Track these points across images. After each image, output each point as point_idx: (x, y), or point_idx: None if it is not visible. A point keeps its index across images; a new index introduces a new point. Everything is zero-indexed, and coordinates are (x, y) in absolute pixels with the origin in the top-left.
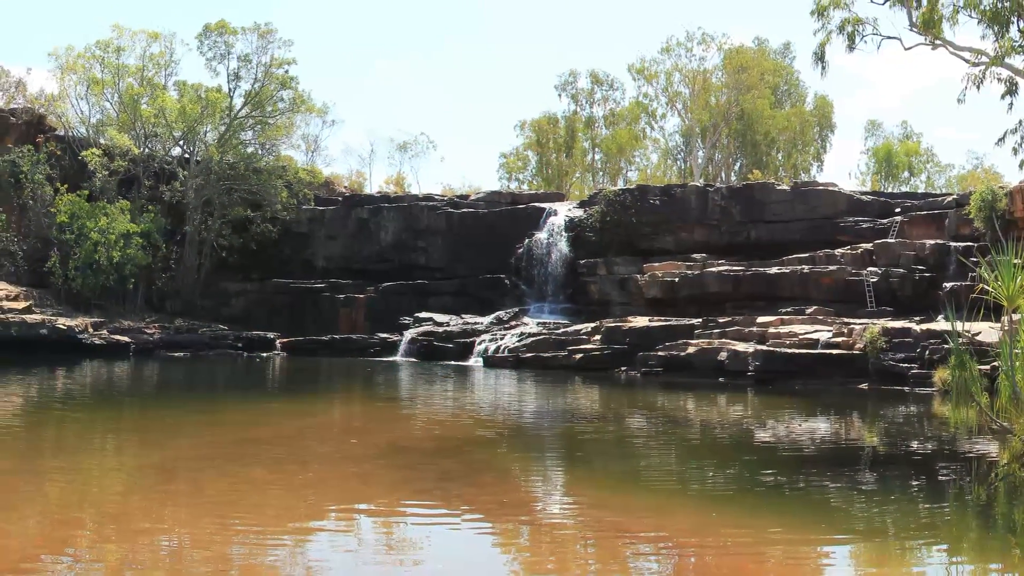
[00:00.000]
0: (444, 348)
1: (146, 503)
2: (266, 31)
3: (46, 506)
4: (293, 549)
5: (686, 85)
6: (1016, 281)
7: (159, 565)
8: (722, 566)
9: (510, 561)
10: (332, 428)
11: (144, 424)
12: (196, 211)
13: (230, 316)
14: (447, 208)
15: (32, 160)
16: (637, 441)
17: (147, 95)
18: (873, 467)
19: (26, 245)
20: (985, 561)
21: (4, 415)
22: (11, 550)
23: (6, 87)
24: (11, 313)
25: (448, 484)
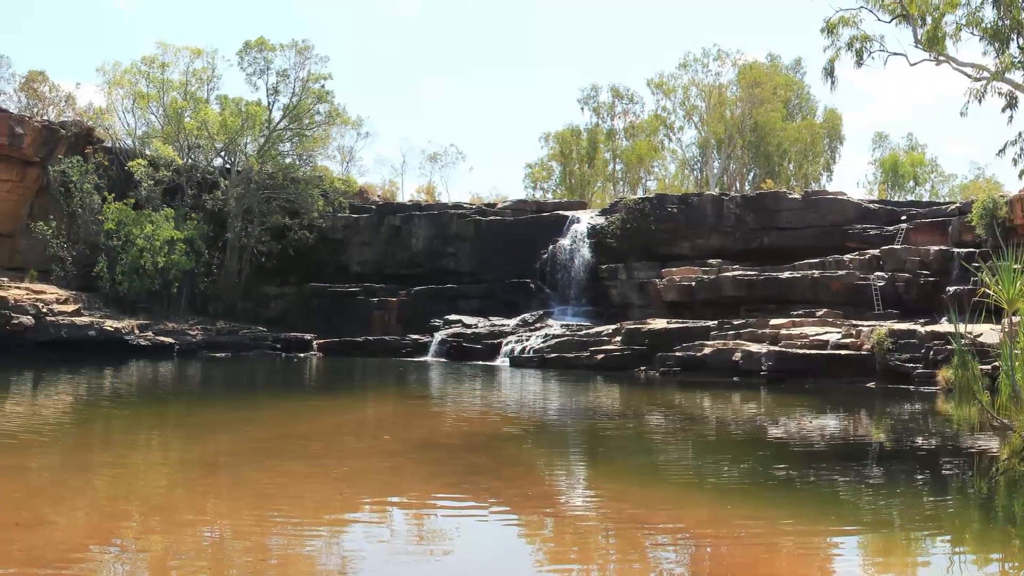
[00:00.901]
0: (472, 349)
1: (189, 496)
2: (303, 48)
3: (94, 499)
4: (329, 540)
5: (702, 99)
6: (1016, 285)
7: (202, 555)
8: (736, 556)
9: (535, 551)
10: (366, 424)
11: (187, 421)
12: (237, 219)
13: (269, 318)
14: (475, 216)
15: (81, 170)
16: (656, 437)
17: (190, 108)
18: (880, 462)
19: (75, 251)
20: (986, 552)
21: (55, 413)
22: (61, 541)
23: (56, 101)
24: (61, 315)
25: (476, 478)
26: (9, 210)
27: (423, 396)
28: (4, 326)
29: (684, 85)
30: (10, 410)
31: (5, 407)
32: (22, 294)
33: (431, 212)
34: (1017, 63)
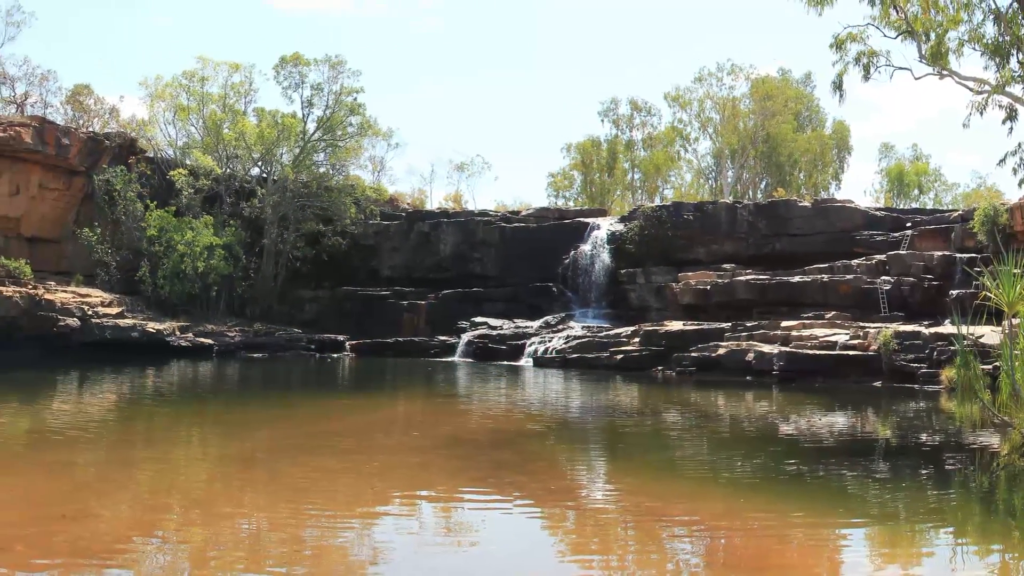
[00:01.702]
0: (497, 350)
1: (227, 490)
2: (336, 62)
3: (137, 493)
4: (361, 532)
5: (717, 111)
6: (1016, 289)
7: (240, 546)
8: (749, 547)
9: (557, 543)
10: (396, 422)
11: (226, 418)
12: (273, 225)
13: (304, 320)
14: (500, 223)
15: (125, 179)
16: (672, 434)
17: (228, 120)
18: (886, 457)
19: (119, 256)
20: (988, 543)
21: (100, 410)
22: (105, 533)
23: (101, 113)
24: (106, 318)
25: (501, 473)
26: (56, 217)
27: (450, 395)
28: (51, 328)
29: (699, 98)
30: (57, 408)
31: (53, 405)
32: (68, 297)
33: (458, 219)
34: (1017, 77)
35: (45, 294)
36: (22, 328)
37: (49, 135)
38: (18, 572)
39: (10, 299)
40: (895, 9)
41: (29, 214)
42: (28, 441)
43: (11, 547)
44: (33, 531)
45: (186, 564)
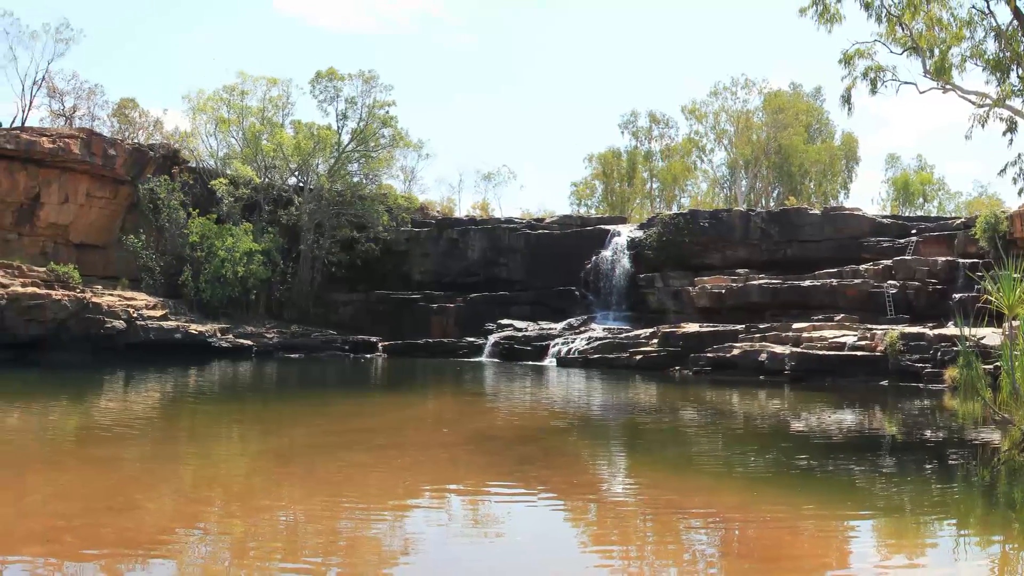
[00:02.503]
0: (523, 350)
1: (266, 484)
2: (369, 77)
3: (180, 486)
4: (393, 523)
5: (731, 124)
6: (1016, 293)
7: (278, 537)
8: (763, 538)
9: (580, 534)
10: (426, 419)
11: (264, 415)
12: (309, 232)
13: (338, 322)
14: (525, 230)
15: (168, 188)
16: (689, 430)
17: (267, 132)
18: (892, 453)
19: (163, 262)
20: (989, 534)
21: (144, 408)
22: (150, 524)
23: (146, 126)
24: (150, 320)
25: (526, 467)
26: (103, 224)
27: (478, 393)
28: (99, 329)
29: (715, 111)
30: (104, 406)
31: (100, 403)
32: (115, 301)
33: (485, 226)
34: (1017, 91)
35: (92, 297)
36: (71, 330)
37: (96, 146)
38: (67, 562)
39: (59, 302)
40: (901, 26)
41: (77, 221)
42: (77, 437)
43: (61, 538)
44: (82, 523)
45: (226, 554)
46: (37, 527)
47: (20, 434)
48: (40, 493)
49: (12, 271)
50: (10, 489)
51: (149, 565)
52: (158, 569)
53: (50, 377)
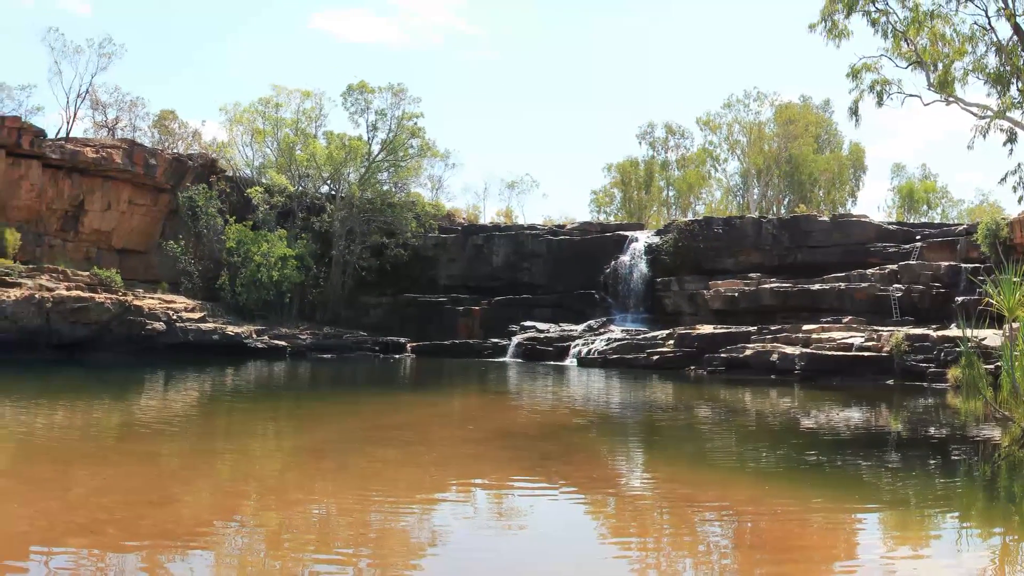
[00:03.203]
0: (545, 351)
1: (300, 478)
2: (399, 90)
3: (217, 481)
4: (421, 516)
5: (744, 134)
6: (1015, 296)
7: (311, 529)
8: (774, 530)
9: (599, 526)
10: (453, 416)
11: (298, 413)
12: (341, 238)
13: (369, 324)
14: (547, 236)
15: (206, 196)
16: (703, 427)
17: (300, 143)
18: (897, 448)
19: (201, 266)
20: (990, 526)
21: (183, 406)
22: (188, 517)
23: (185, 136)
24: (189, 322)
25: (548, 462)
26: (144, 230)
27: (502, 392)
28: (140, 331)
29: (728, 122)
30: (145, 404)
31: (141, 401)
32: (155, 303)
33: (509, 232)
34: (1017, 103)
35: (134, 300)
36: (113, 331)
37: (138, 156)
38: (109, 553)
39: (103, 305)
40: (906, 42)
41: (119, 228)
42: (119, 434)
43: (103, 530)
44: (123, 515)
45: (262, 546)
46: (81, 519)
47: (65, 430)
48: (84, 487)
49: (58, 275)
50: (56, 483)
51: (188, 556)
52: (196, 560)
53: (94, 376)
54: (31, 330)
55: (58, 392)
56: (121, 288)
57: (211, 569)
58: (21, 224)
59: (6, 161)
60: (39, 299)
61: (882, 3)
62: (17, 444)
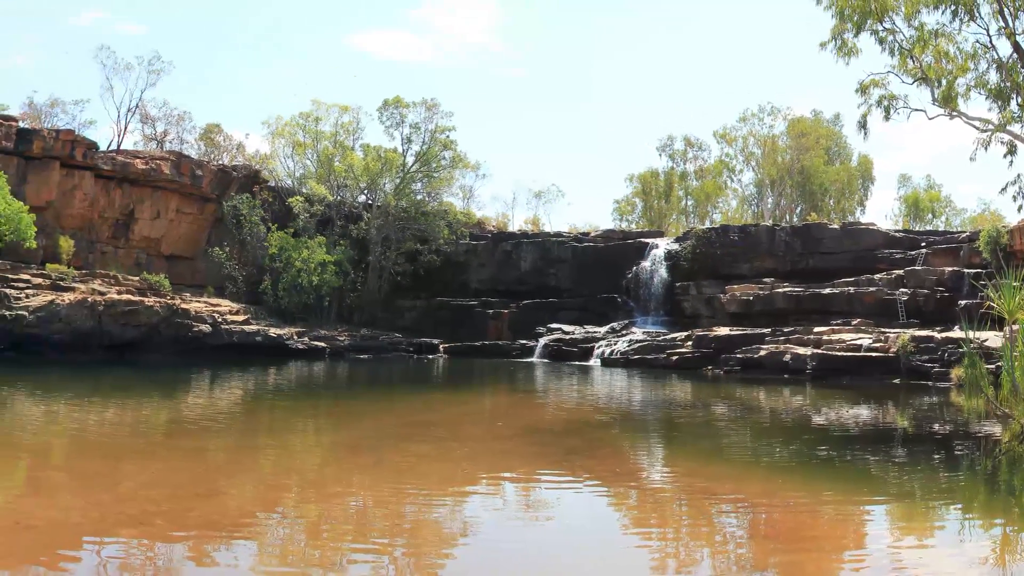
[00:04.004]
0: (570, 351)
1: (338, 472)
2: (432, 105)
3: (260, 474)
4: (452, 508)
5: (758, 147)
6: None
7: (348, 520)
8: (787, 521)
9: (621, 517)
10: (483, 414)
11: (336, 410)
12: (377, 245)
13: (403, 326)
14: (572, 242)
15: (250, 205)
16: (720, 424)
17: (339, 155)
18: (903, 444)
19: (245, 271)
20: (991, 517)
21: (228, 403)
22: (232, 508)
23: (229, 148)
24: (233, 324)
25: (573, 457)
26: (191, 238)
27: (529, 391)
28: (187, 333)
29: (744, 135)
30: (192, 402)
31: (188, 399)
32: (201, 307)
33: (536, 239)
34: (1016, 117)
35: (181, 304)
36: (162, 333)
37: (185, 167)
38: (158, 543)
39: (152, 308)
40: (911, 59)
41: (168, 235)
42: (167, 430)
43: (152, 521)
44: (170, 507)
45: (302, 536)
46: (131, 511)
47: (116, 427)
48: (134, 480)
49: (109, 280)
50: (107, 477)
51: (232, 545)
52: (240, 549)
53: (143, 375)
54: (84, 332)
55: (109, 390)
56: (169, 292)
57: (254, 558)
58: (75, 232)
59: (61, 172)
60: (92, 302)
61: (889, 23)
62: (71, 440)
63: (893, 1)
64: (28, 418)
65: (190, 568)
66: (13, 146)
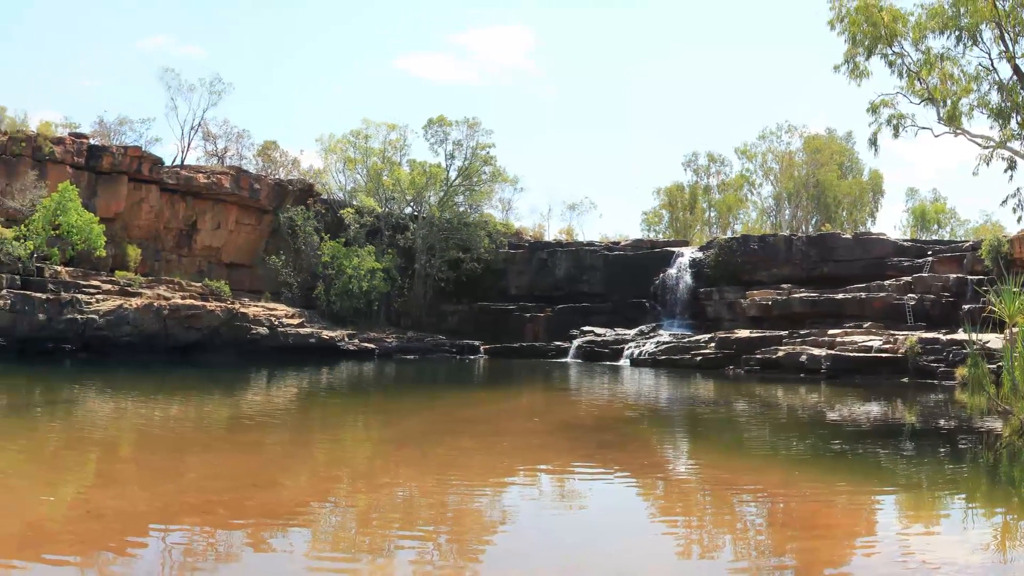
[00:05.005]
0: (601, 352)
1: (386, 464)
2: (473, 123)
3: (314, 467)
4: (492, 498)
5: (776, 162)
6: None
7: (396, 509)
8: (803, 510)
9: (649, 506)
10: (520, 410)
11: (385, 407)
12: (422, 253)
13: (447, 329)
14: (604, 251)
15: (304, 217)
16: (741, 419)
17: (387, 170)
18: (911, 438)
19: (299, 278)
20: (992, 506)
21: (284, 401)
22: (288, 499)
23: (285, 164)
24: (288, 327)
25: (604, 451)
26: (249, 247)
27: (563, 389)
28: (245, 335)
29: (763, 152)
30: (250, 399)
31: (246, 397)
32: (259, 311)
33: (570, 248)
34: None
35: (240, 308)
36: (222, 335)
37: (244, 181)
38: (218, 530)
39: (213, 312)
40: (919, 81)
41: (228, 244)
42: (227, 425)
43: (213, 510)
44: (230, 497)
45: (353, 524)
46: (194, 501)
47: (180, 423)
48: (196, 472)
49: (174, 286)
50: (172, 469)
51: (288, 532)
52: (296, 536)
53: (204, 375)
54: (150, 334)
55: (173, 389)
56: (229, 297)
57: (308, 544)
58: (141, 241)
59: (128, 186)
60: (157, 307)
61: (898, 47)
62: (138, 434)
63: (901, 27)
64: (98, 414)
65: (248, 553)
66: (85, 162)
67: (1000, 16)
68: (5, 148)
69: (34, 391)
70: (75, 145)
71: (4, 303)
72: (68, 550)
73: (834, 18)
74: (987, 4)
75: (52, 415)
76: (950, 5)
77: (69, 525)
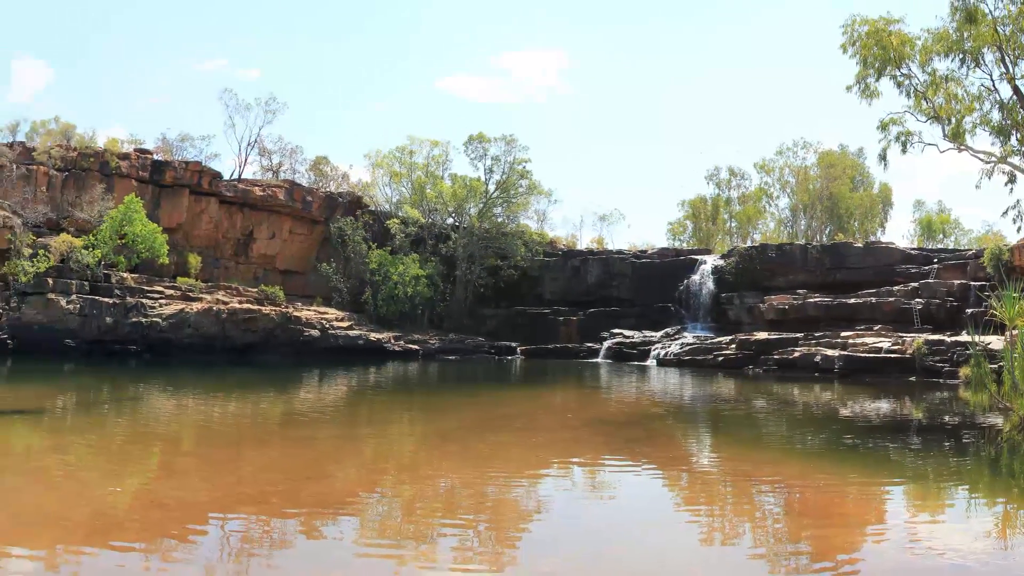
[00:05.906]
0: (630, 353)
1: (429, 458)
2: (510, 140)
3: (362, 460)
4: (528, 488)
5: (793, 176)
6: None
7: (438, 499)
8: (818, 500)
9: (675, 496)
10: (555, 407)
11: (428, 404)
12: (463, 261)
13: (486, 331)
14: (632, 259)
15: (353, 227)
16: (760, 416)
17: (430, 183)
18: (918, 433)
19: (348, 284)
20: (994, 497)
21: (334, 398)
22: (338, 490)
23: (335, 177)
24: (339, 329)
25: (633, 445)
26: (302, 255)
27: (595, 387)
28: (299, 337)
29: (780, 166)
30: (303, 397)
31: (300, 395)
32: (311, 315)
33: (600, 256)
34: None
35: (294, 312)
36: (277, 337)
37: (297, 194)
38: (273, 519)
39: (268, 315)
40: (925, 100)
41: (282, 253)
42: (281, 421)
43: (268, 500)
44: (284, 488)
45: (399, 512)
46: (250, 491)
47: (237, 419)
48: (252, 465)
49: (232, 291)
50: (230, 462)
51: (338, 521)
52: (345, 524)
53: (260, 374)
54: (209, 336)
55: (231, 387)
56: (283, 302)
57: (357, 532)
58: (201, 249)
59: (190, 198)
60: (216, 311)
61: (906, 69)
62: (198, 430)
63: (909, 50)
64: (161, 411)
65: (301, 540)
66: (149, 176)
67: (1001, 40)
68: (75, 163)
69: (102, 390)
70: (140, 160)
71: (74, 307)
72: (133, 537)
73: (847, 42)
74: (989, 29)
75: (119, 412)
76: (954, 30)
77: (134, 514)
